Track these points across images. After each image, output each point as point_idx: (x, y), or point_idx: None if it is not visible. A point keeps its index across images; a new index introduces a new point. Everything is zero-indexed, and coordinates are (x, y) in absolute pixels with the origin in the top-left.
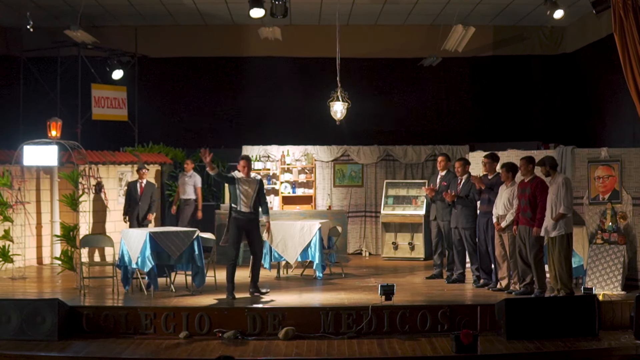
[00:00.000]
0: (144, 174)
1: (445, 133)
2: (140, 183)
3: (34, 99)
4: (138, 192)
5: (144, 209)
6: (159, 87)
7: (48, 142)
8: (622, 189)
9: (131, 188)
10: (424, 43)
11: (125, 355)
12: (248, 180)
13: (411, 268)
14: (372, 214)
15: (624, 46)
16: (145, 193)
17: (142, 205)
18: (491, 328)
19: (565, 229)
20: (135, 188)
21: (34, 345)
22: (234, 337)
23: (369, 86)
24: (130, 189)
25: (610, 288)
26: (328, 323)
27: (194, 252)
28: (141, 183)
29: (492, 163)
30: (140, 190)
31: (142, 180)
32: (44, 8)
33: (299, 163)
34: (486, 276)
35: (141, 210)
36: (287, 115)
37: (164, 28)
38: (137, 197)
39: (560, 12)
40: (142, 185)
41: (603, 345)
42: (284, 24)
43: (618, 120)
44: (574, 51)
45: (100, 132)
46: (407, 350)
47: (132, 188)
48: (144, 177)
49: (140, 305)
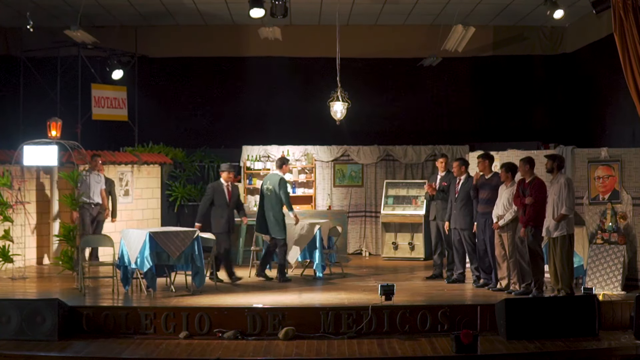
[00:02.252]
0: (232, 176)
1: (445, 133)
2: (227, 186)
3: (34, 99)
4: (227, 195)
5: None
6: (159, 87)
7: (48, 142)
8: (622, 189)
9: (217, 190)
10: (424, 43)
11: (125, 355)
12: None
13: (411, 268)
14: (372, 214)
15: (624, 46)
16: (234, 195)
17: (230, 209)
18: (491, 328)
19: (567, 229)
20: (223, 191)
21: (34, 345)
22: (234, 337)
23: (369, 86)
24: (214, 192)
25: (610, 288)
26: (328, 323)
27: (193, 252)
28: (228, 186)
29: (484, 162)
30: (229, 194)
31: (228, 184)
32: (44, 8)
33: (299, 163)
34: (486, 276)
35: (231, 214)
36: (287, 115)
37: (164, 28)
38: (227, 201)
39: (560, 12)
40: (230, 189)
41: (603, 345)
42: (284, 24)
43: (618, 120)
44: (574, 51)
45: (100, 132)
46: (407, 350)
47: (219, 191)
48: (230, 179)
49: (140, 305)
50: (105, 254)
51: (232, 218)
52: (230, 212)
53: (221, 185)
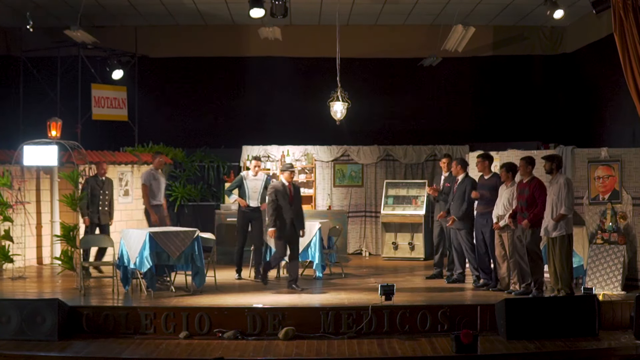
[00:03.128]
0: (292, 175)
1: (445, 133)
2: (289, 187)
3: (34, 99)
4: (289, 197)
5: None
6: (159, 87)
7: (48, 142)
8: (622, 189)
9: (279, 191)
10: (424, 43)
11: (125, 355)
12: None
13: (411, 268)
14: (372, 214)
15: (624, 46)
16: (296, 197)
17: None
18: (491, 328)
19: (566, 229)
20: (285, 192)
21: (34, 345)
22: (234, 337)
23: (369, 86)
24: (277, 194)
25: (610, 288)
26: (328, 323)
27: (193, 252)
28: (290, 187)
29: (483, 162)
30: (291, 195)
31: (289, 184)
32: (44, 8)
33: (299, 163)
34: (486, 276)
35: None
36: (287, 115)
37: (164, 28)
38: (289, 202)
39: (560, 12)
40: (292, 190)
41: (603, 345)
42: (284, 24)
43: (618, 120)
44: (574, 51)
45: (100, 132)
46: (407, 350)
47: (281, 191)
48: (292, 178)
49: (140, 305)
50: (105, 254)
51: (297, 221)
52: (293, 214)
53: (283, 186)
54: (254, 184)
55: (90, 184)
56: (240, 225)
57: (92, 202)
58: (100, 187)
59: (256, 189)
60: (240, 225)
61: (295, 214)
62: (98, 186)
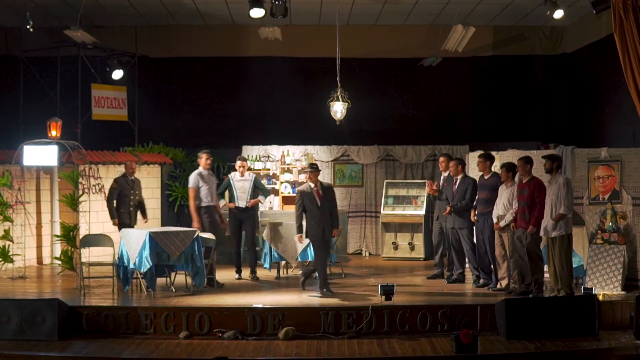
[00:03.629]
0: (315, 176)
1: (445, 133)
2: (316, 188)
3: (34, 99)
4: (317, 199)
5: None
6: (159, 87)
7: (48, 142)
8: (622, 189)
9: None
10: (424, 43)
11: (125, 355)
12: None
13: (411, 268)
14: (372, 214)
15: (624, 46)
16: (326, 198)
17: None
18: (491, 328)
19: (565, 229)
20: (313, 195)
21: (34, 345)
22: (234, 337)
23: (369, 86)
24: (304, 198)
25: (610, 288)
26: (328, 323)
27: (193, 252)
28: (317, 188)
29: (485, 162)
30: (319, 197)
31: (316, 185)
32: (44, 8)
33: (299, 163)
34: (486, 276)
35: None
36: (287, 115)
37: (164, 28)
38: (317, 205)
39: (560, 12)
40: (320, 192)
41: (603, 345)
42: (284, 24)
43: (618, 120)
44: (574, 51)
45: (100, 132)
46: (407, 350)
47: (308, 194)
48: (316, 179)
49: (140, 305)
50: (105, 254)
51: (327, 224)
52: (324, 217)
53: (310, 189)
54: (241, 184)
55: (120, 184)
56: (233, 226)
57: (123, 203)
58: (131, 187)
59: (244, 189)
60: (232, 227)
61: (328, 214)
62: (128, 186)
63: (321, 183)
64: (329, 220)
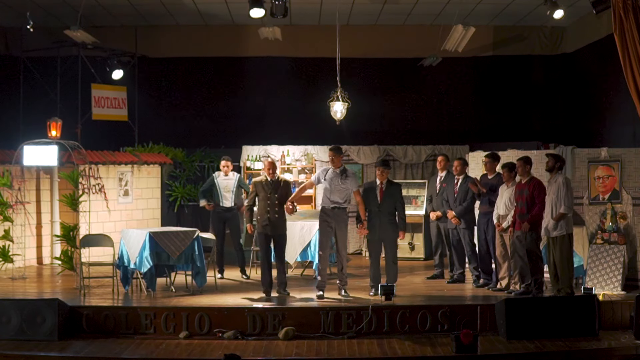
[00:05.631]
0: (384, 173)
1: (445, 133)
2: (380, 185)
3: (34, 99)
4: (378, 196)
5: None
6: (159, 87)
7: (48, 142)
8: (622, 189)
9: (367, 190)
10: (424, 43)
11: (125, 355)
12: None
13: (411, 268)
14: None
15: (624, 46)
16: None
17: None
18: (491, 328)
19: (566, 228)
20: (375, 193)
21: (34, 345)
22: (234, 337)
23: (369, 86)
24: (366, 194)
25: (610, 288)
26: (328, 323)
27: (193, 252)
28: (382, 186)
29: (492, 162)
30: (380, 195)
31: (382, 183)
32: (44, 8)
33: (299, 163)
34: (486, 276)
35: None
36: (287, 115)
37: (164, 28)
38: (377, 203)
39: (560, 12)
40: (382, 190)
41: (603, 345)
42: (284, 24)
43: (618, 120)
44: (574, 51)
45: (100, 132)
46: (407, 350)
47: (371, 190)
48: (384, 177)
49: (140, 305)
50: (105, 254)
51: (383, 223)
52: (383, 217)
53: (374, 185)
54: (225, 183)
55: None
56: (216, 225)
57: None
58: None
59: (228, 189)
60: (215, 226)
61: (385, 214)
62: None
63: (389, 180)
64: (387, 221)
